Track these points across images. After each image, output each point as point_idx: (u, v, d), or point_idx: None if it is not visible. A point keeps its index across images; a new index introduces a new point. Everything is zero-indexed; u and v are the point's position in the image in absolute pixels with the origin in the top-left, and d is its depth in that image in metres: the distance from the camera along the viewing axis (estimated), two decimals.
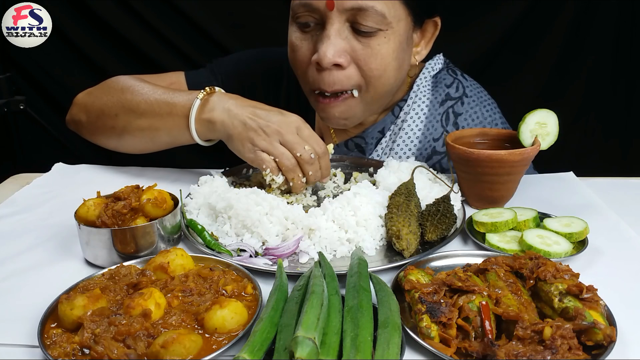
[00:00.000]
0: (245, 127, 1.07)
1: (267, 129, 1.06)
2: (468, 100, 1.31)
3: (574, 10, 2.06)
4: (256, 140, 1.06)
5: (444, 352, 0.65)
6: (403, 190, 1.01)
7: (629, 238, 0.99)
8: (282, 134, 1.06)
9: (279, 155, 1.06)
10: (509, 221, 0.95)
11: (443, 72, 1.36)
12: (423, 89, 1.32)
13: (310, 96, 1.25)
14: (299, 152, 1.06)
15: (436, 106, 1.31)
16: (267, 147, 1.06)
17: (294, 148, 1.06)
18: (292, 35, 1.19)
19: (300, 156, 1.06)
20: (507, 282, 0.76)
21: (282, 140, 1.06)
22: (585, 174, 1.30)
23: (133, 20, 2.07)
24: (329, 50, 1.09)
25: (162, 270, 0.80)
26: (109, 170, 1.34)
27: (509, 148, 1.06)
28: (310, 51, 1.16)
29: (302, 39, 1.17)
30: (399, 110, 1.32)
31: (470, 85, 1.35)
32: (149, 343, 0.66)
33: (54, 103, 2.22)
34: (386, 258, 0.91)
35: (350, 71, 1.13)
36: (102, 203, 0.90)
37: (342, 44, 1.11)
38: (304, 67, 1.19)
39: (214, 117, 1.11)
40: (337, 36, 1.10)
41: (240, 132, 1.08)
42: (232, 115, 1.09)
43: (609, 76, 2.15)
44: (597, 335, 0.65)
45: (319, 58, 1.11)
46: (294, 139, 1.06)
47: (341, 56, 1.11)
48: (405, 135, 1.30)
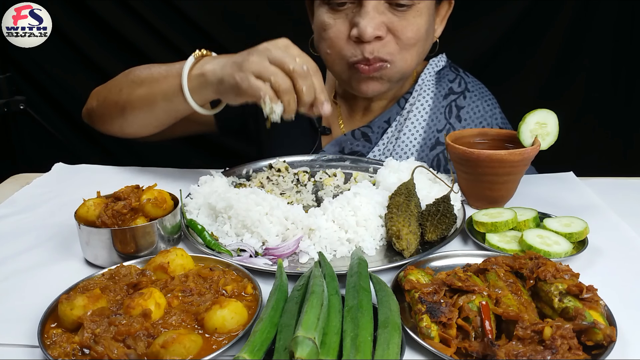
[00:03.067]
0: (234, 63, 1.04)
1: (254, 52, 1.02)
2: (470, 95, 1.39)
3: (574, 11, 2.06)
4: (245, 64, 1.01)
5: (444, 352, 0.65)
6: (403, 190, 1.01)
7: (629, 238, 0.99)
8: (270, 50, 1.01)
9: (273, 74, 0.99)
10: (509, 221, 0.95)
11: (446, 69, 1.43)
12: (428, 83, 1.39)
13: (343, 73, 1.28)
14: (291, 64, 0.99)
15: (440, 99, 1.38)
16: (258, 68, 1.00)
17: (285, 62, 0.99)
18: (322, 16, 1.24)
19: (293, 69, 0.99)
20: (507, 282, 0.76)
21: (271, 57, 1.00)
22: (585, 174, 1.30)
23: (133, 20, 2.07)
24: (369, 25, 1.16)
25: (162, 270, 0.80)
26: (109, 170, 1.34)
27: (509, 148, 1.05)
28: (345, 28, 1.21)
29: (336, 18, 1.22)
30: (404, 102, 1.39)
31: (472, 81, 1.43)
32: (149, 343, 0.66)
33: (54, 103, 2.22)
34: (386, 258, 0.91)
35: (387, 40, 1.21)
36: (102, 203, 0.90)
37: (380, 18, 1.18)
38: (340, 44, 1.23)
39: (205, 69, 1.09)
40: (375, 11, 1.18)
41: (230, 72, 1.04)
42: (222, 63, 1.07)
43: (608, 76, 2.15)
44: (597, 335, 0.65)
45: (360, 33, 1.17)
46: (282, 54, 1.01)
47: (380, 29, 1.18)
48: (412, 125, 1.36)
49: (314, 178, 1.23)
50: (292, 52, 1.02)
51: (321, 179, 1.23)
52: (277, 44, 1.03)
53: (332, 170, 1.27)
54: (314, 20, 1.31)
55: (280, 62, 1.00)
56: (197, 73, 1.10)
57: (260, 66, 1.00)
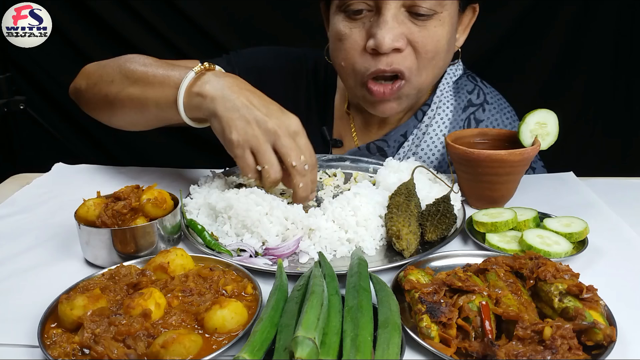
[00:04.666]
0: (238, 113, 0.97)
1: (262, 125, 0.96)
2: (489, 107, 1.33)
3: (574, 11, 2.06)
4: (249, 136, 0.95)
5: (444, 352, 0.65)
6: (403, 190, 1.01)
7: (629, 238, 0.98)
8: (279, 136, 0.96)
9: (269, 163, 0.96)
10: (509, 221, 0.95)
11: (463, 79, 1.37)
12: (446, 94, 1.33)
13: (358, 89, 1.21)
14: (294, 161, 0.97)
15: (459, 112, 1.32)
16: (257, 148, 0.96)
17: (289, 155, 0.97)
18: (338, 24, 1.16)
19: (295, 167, 0.97)
20: (507, 282, 0.76)
21: (277, 143, 0.96)
22: (585, 174, 1.30)
23: (133, 20, 2.07)
24: (388, 36, 1.09)
25: (162, 270, 0.80)
26: (109, 170, 1.34)
27: (509, 148, 1.05)
28: (362, 38, 1.14)
29: (352, 27, 1.15)
30: (422, 115, 1.32)
31: (490, 92, 1.37)
32: (149, 343, 0.66)
33: (54, 103, 2.22)
34: (386, 258, 0.91)
35: (406, 52, 1.13)
36: (102, 203, 0.90)
37: (399, 29, 1.10)
38: (354, 55, 1.16)
39: (205, 90, 1.01)
40: (394, 21, 1.10)
41: (230, 117, 0.97)
42: (226, 94, 0.99)
43: (609, 76, 2.15)
44: (597, 335, 0.65)
45: (377, 44, 1.10)
46: (290, 145, 0.97)
47: (399, 40, 1.11)
48: (430, 140, 1.30)
49: None
50: (299, 142, 0.98)
51: (321, 179, 1.23)
52: (289, 128, 0.97)
53: (332, 170, 1.27)
54: (329, 28, 1.24)
55: (283, 155, 0.97)
56: (195, 91, 1.02)
57: (261, 148, 0.96)
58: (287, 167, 0.98)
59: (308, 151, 1.00)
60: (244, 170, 0.98)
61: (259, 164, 0.97)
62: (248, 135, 0.96)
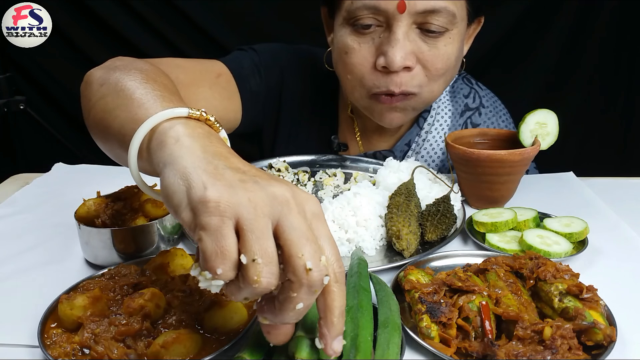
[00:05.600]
0: (220, 166, 0.55)
1: (264, 188, 0.53)
2: (485, 111, 1.34)
3: (575, 11, 2.06)
4: (238, 198, 0.51)
5: (444, 352, 0.65)
6: (403, 190, 1.01)
7: (629, 238, 0.98)
8: (290, 210, 0.53)
9: (262, 254, 0.50)
10: (509, 221, 0.95)
11: (459, 82, 1.37)
12: (444, 99, 1.33)
13: (363, 100, 1.18)
14: (310, 261, 0.51)
15: (457, 117, 1.33)
16: (249, 222, 0.50)
17: (302, 247, 0.51)
18: (345, 38, 1.12)
19: (310, 272, 0.50)
20: (507, 282, 0.76)
21: (285, 223, 0.52)
22: (585, 174, 1.30)
23: (133, 21, 2.08)
24: (399, 54, 1.05)
25: (162, 270, 0.80)
26: (109, 170, 1.34)
27: (509, 148, 1.05)
28: (371, 54, 1.10)
29: (361, 42, 1.11)
30: (423, 122, 1.33)
31: (485, 95, 1.37)
32: (149, 343, 0.66)
33: (54, 103, 2.22)
34: (386, 258, 0.91)
35: (416, 72, 1.11)
36: (102, 203, 0.90)
37: (410, 47, 1.07)
38: (363, 72, 1.12)
39: (173, 135, 0.60)
40: (406, 39, 1.06)
41: (204, 167, 0.54)
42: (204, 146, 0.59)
43: (609, 76, 2.15)
44: (597, 335, 0.65)
45: (388, 62, 1.06)
46: (305, 231, 0.52)
47: (410, 59, 1.08)
48: (430, 147, 1.31)
49: (314, 178, 1.23)
50: (319, 231, 0.54)
51: (321, 179, 1.23)
52: (304, 205, 0.55)
53: (332, 170, 1.26)
54: (334, 39, 1.19)
55: (290, 245, 0.51)
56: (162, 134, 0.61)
57: (257, 224, 0.51)
58: (291, 271, 0.51)
59: (329, 247, 0.54)
60: (209, 259, 0.50)
61: (245, 252, 0.50)
62: (237, 197, 0.51)
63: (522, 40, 2.11)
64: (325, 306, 0.54)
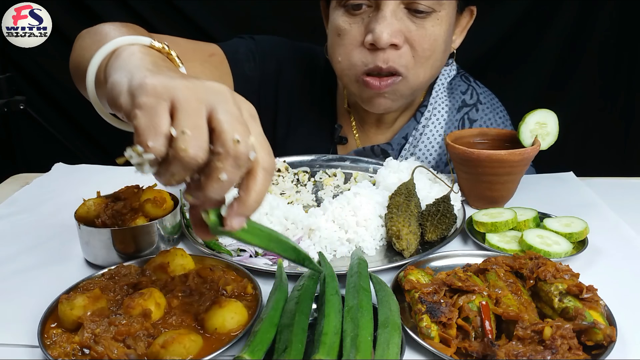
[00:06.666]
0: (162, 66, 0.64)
1: (203, 83, 0.57)
2: (482, 107, 1.36)
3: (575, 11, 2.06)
4: (175, 83, 0.55)
5: (444, 352, 0.65)
6: (403, 190, 1.01)
7: (629, 238, 0.98)
8: (226, 101, 0.56)
9: (192, 127, 0.53)
10: (509, 221, 0.95)
11: (457, 79, 1.39)
12: (441, 95, 1.35)
13: (353, 84, 1.21)
14: (239, 134, 0.55)
15: (454, 112, 1.35)
16: (182, 104, 0.54)
17: (233, 128, 0.55)
18: (338, 19, 1.17)
19: (238, 143, 0.54)
20: (507, 282, 0.76)
21: (218, 109, 0.55)
22: (585, 174, 1.30)
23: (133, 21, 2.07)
24: (386, 31, 1.09)
25: (162, 270, 0.80)
26: (109, 170, 1.34)
27: (509, 148, 1.05)
28: (360, 34, 1.15)
29: (352, 22, 1.15)
30: (420, 116, 1.35)
31: (483, 92, 1.39)
32: (149, 343, 0.66)
33: (54, 103, 2.22)
34: (386, 258, 0.91)
35: (403, 50, 1.14)
36: (102, 203, 0.90)
37: (397, 25, 1.11)
38: (352, 50, 1.16)
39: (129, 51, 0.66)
40: (393, 17, 1.11)
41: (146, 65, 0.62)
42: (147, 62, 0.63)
43: (609, 76, 2.15)
44: (597, 335, 0.65)
45: (374, 39, 1.10)
46: (237, 117, 0.56)
47: (397, 36, 1.11)
48: (427, 141, 1.33)
49: (313, 178, 1.23)
50: (255, 130, 0.58)
51: (321, 179, 1.23)
52: (241, 104, 0.59)
53: (332, 170, 1.26)
54: (328, 25, 1.24)
55: (222, 128, 0.54)
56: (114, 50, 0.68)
57: (189, 105, 0.54)
58: (220, 144, 0.54)
59: (262, 144, 0.58)
60: (142, 133, 0.53)
61: (176, 127, 0.53)
62: (174, 83, 0.55)
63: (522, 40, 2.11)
64: (246, 186, 0.58)
